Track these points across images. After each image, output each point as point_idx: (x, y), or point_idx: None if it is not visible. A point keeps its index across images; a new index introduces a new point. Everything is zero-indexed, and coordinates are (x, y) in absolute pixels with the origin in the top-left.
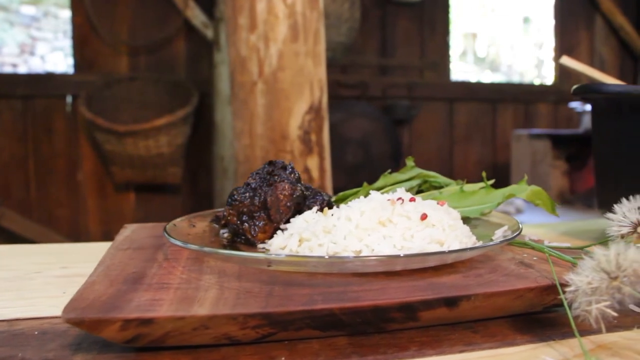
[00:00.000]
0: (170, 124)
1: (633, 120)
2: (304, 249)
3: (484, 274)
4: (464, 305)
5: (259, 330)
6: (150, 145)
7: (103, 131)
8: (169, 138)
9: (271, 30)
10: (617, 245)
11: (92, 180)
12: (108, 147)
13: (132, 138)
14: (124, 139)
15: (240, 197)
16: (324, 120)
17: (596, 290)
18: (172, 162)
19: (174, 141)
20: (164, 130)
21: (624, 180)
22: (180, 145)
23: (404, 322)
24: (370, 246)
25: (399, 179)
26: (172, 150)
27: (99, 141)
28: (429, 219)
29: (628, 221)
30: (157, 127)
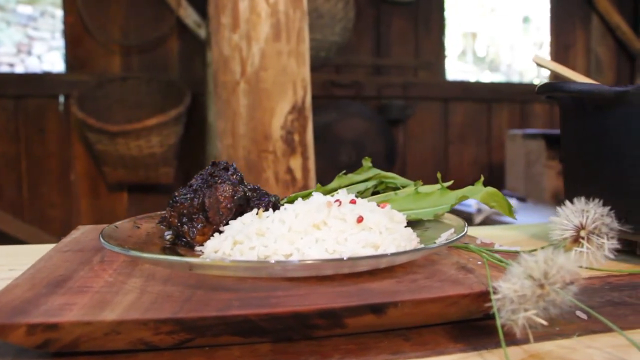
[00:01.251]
0: (161, 124)
1: (597, 119)
2: (236, 252)
3: (419, 280)
4: (392, 312)
5: (174, 336)
6: (142, 145)
7: (94, 131)
8: (160, 138)
9: (253, 30)
10: (546, 251)
11: (84, 181)
12: (100, 147)
13: (123, 138)
14: (115, 139)
15: (180, 198)
16: (307, 120)
17: (523, 298)
18: (164, 162)
19: (166, 141)
20: (156, 130)
21: (590, 180)
22: (172, 145)
23: (330, 328)
24: (301, 250)
25: (354, 180)
26: (164, 150)
27: (91, 141)
28: (365, 222)
29: (571, 225)
30: (148, 127)
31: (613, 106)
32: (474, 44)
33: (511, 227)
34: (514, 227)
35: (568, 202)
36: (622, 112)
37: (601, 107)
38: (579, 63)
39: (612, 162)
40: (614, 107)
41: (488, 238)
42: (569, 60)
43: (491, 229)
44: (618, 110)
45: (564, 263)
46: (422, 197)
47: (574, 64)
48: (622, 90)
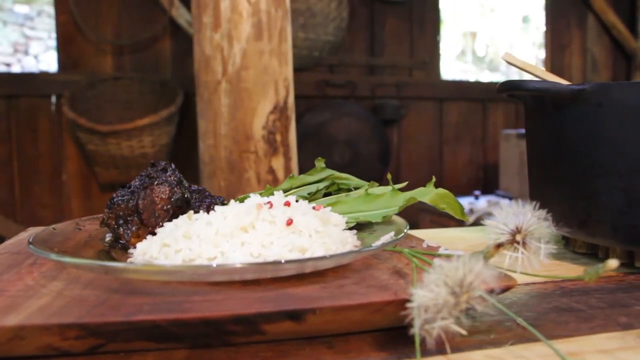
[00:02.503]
0: (153, 124)
1: (556, 119)
2: (162, 255)
3: (346, 285)
4: (311, 319)
5: (83, 341)
6: (134, 145)
7: (85, 131)
8: (152, 138)
9: (235, 29)
10: (464, 257)
11: (77, 181)
12: (91, 147)
13: (114, 138)
14: (106, 139)
15: (118, 199)
16: (290, 120)
17: (438, 307)
18: None
19: (158, 141)
20: (147, 130)
21: (552, 182)
22: (164, 145)
23: (249, 335)
24: (225, 253)
25: (306, 180)
26: (156, 150)
27: (82, 141)
28: (294, 225)
29: (507, 229)
30: (140, 127)
31: (571, 105)
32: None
33: (480, 229)
34: (482, 229)
35: (504, 205)
36: (579, 111)
37: (560, 106)
38: (575, 63)
39: (571, 163)
40: (571, 105)
41: (457, 239)
42: (565, 60)
43: (468, 230)
44: (576, 109)
45: (482, 270)
46: (372, 198)
47: (570, 63)
48: (579, 89)
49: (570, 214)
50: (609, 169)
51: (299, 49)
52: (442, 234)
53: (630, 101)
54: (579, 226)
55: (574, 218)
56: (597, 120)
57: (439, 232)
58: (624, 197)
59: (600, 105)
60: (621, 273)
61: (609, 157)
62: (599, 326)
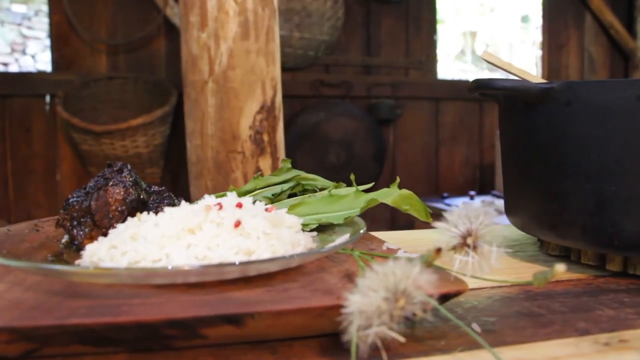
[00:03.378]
0: (147, 124)
1: (526, 118)
2: (108, 257)
3: (292, 289)
4: (251, 323)
5: (17, 345)
6: (128, 145)
7: (79, 131)
8: (146, 138)
9: (221, 28)
10: (401, 261)
11: (71, 181)
12: (85, 147)
13: (108, 138)
14: (100, 139)
15: (73, 201)
16: (277, 120)
17: (373, 312)
18: (150, 163)
19: (152, 141)
20: (141, 130)
21: (523, 182)
22: (158, 145)
23: (190, 339)
24: (170, 255)
25: (271, 181)
26: (150, 150)
27: (76, 141)
28: (242, 227)
29: (458, 231)
30: (133, 127)
31: (540, 104)
32: (473, 43)
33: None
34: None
35: (455, 207)
36: (548, 110)
37: (530, 105)
38: (572, 62)
39: (542, 163)
40: (541, 105)
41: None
42: (562, 60)
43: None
44: (545, 108)
45: (419, 274)
46: (335, 200)
47: (567, 63)
48: (547, 87)
49: (541, 216)
50: (577, 170)
51: (294, 48)
52: (415, 235)
53: (597, 100)
54: (549, 228)
55: (545, 220)
56: (565, 119)
57: (416, 233)
58: (592, 199)
59: (568, 104)
60: (591, 276)
61: (577, 158)
62: (555, 332)
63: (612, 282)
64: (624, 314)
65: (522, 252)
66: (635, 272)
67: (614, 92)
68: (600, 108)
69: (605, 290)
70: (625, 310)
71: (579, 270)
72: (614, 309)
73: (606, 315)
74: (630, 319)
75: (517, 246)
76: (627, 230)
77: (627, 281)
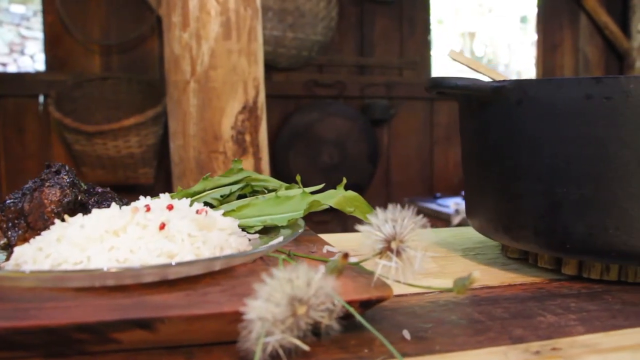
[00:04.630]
0: (139, 124)
1: (481, 117)
2: (31, 260)
3: (212, 293)
4: (164, 328)
5: None
6: (120, 145)
7: (71, 131)
8: (139, 138)
9: (203, 28)
10: (304, 266)
11: None
12: (78, 147)
13: (101, 138)
14: (92, 139)
15: (10, 202)
16: (260, 120)
17: (275, 320)
18: (143, 163)
19: (145, 141)
20: (134, 130)
21: (480, 183)
22: (151, 145)
23: (103, 344)
24: (91, 258)
25: (220, 182)
26: (143, 150)
27: (69, 141)
28: (167, 229)
29: (382, 235)
30: (126, 127)
31: (493, 103)
32: (472, 43)
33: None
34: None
35: (380, 210)
36: (501, 109)
37: (484, 105)
38: (567, 62)
39: (495, 164)
40: (494, 104)
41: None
42: (557, 60)
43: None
44: (497, 107)
45: (323, 281)
46: (281, 201)
47: (562, 63)
48: (499, 86)
49: (496, 218)
50: (529, 171)
51: (287, 48)
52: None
53: (547, 99)
54: (503, 230)
55: (500, 222)
56: (516, 119)
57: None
58: (544, 201)
59: (519, 104)
60: (547, 280)
61: (528, 158)
62: (488, 339)
63: (566, 286)
64: (566, 321)
65: (481, 255)
66: (590, 276)
67: (563, 91)
68: (550, 107)
69: (556, 295)
70: (568, 317)
71: (535, 274)
72: (557, 315)
73: (547, 322)
74: (570, 326)
75: (479, 249)
76: (579, 233)
77: (580, 285)
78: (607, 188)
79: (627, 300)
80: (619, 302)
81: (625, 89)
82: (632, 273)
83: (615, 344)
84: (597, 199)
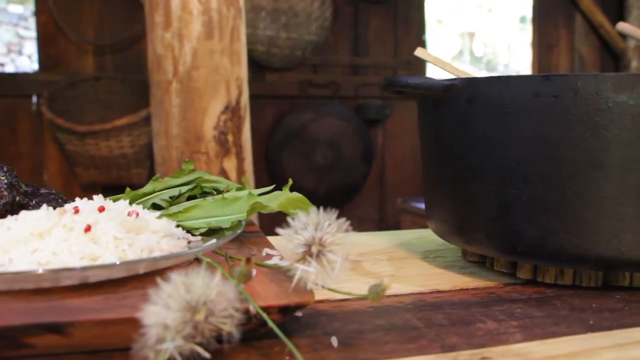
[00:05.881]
0: (132, 124)
1: (435, 117)
2: None
3: (131, 297)
4: (77, 333)
5: None
6: (112, 145)
7: (64, 132)
8: (131, 138)
9: (185, 28)
10: (201, 271)
11: (58, 181)
12: (70, 147)
13: (93, 139)
14: (85, 139)
15: None
16: (243, 121)
17: (171, 324)
18: (136, 163)
19: (137, 141)
20: (126, 130)
21: (436, 183)
22: (144, 145)
23: (17, 349)
24: (13, 260)
25: (170, 183)
26: (136, 150)
27: (62, 141)
28: (93, 232)
29: (302, 239)
30: (118, 127)
31: (445, 102)
32: (471, 43)
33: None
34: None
35: (301, 213)
36: (452, 108)
37: (437, 104)
38: (562, 62)
39: (449, 165)
40: (446, 103)
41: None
42: (552, 60)
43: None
44: (449, 106)
45: (221, 286)
46: (227, 203)
47: (558, 63)
48: (449, 84)
49: (450, 220)
50: (480, 172)
51: (281, 48)
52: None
53: (496, 97)
54: (457, 233)
55: (454, 224)
56: (468, 118)
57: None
58: (495, 203)
59: (470, 102)
60: (501, 284)
61: (480, 159)
62: (418, 347)
63: (519, 290)
64: (505, 328)
65: (441, 258)
66: (544, 280)
67: (512, 89)
68: (499, 106)
69: (505, 300)
70: (510, 324)
71: (491, 278)
72: (498, 322)
73: (485, 329)
74: (509, 333)
75: (440, 252)
76: (530, 236)
77: (533, 290)
78: (556, 190)
79: (577, 305)
80: (568, 307)
81: (573, 87)
82: (587, 277)
83: (548, 352)
84: (547, 201)
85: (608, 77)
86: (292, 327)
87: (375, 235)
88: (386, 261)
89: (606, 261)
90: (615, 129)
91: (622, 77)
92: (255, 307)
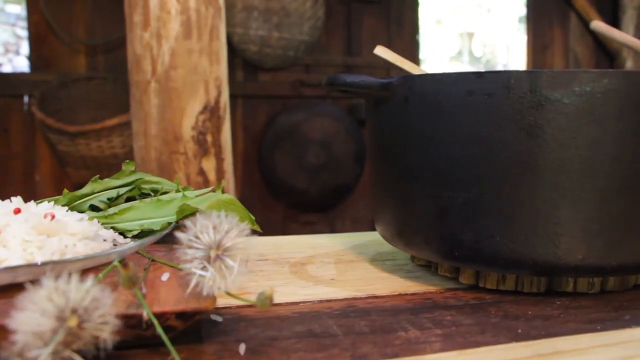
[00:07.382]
0: (122, 124)
1: (376, 117)
2: None
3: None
4: None
5: None
6: (103, 145)
7: (55, 132)
8: (122, 138)
9: (163, 27)
10: (75, 276)
11: (50, 182)
12: (61, 147)
13: (84, 139)
14: (76, 139)
15: None
16: (222, 120)
17: (40, 331)
18: None
19: (128, 142)
20: (117, 130)
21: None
22: None
23: None
24: None
25: (109, 185)
26: (127, 151)
27: (53, 142)
28: (2, 234)
29: (201, 243)
30: (108, 127)
31: (384, 101)
32: (470, 44)
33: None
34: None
35: (201, 216)
36: (390, 107)
37: (377, 103)
38: (557, 62)
39: (388, 165)
40: (385, 102)
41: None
42: (547, 60)
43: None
44: (387, 105)
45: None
46: (161, 205)
47: (552, 63)
48: (386, 82)
49: (391, 223)
50: (417, 173)
51: (273, 48)
52: (292, 240)
53: (431, 95)
54: (398, 236)
55: (394, 227)
56: (404, 117)
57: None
58: (432, 205)
59: (406, 101)
60: (443, 289)
61: (417, 160)
62: (327, 357)
63: (459, 296)
64: (427, 337)
65: (390, 262)
66: (485, 286)
67: (446, 87)
68: (434, 105)
69: (439, 306)
70: (434, 332)
71: (435, 283)
72: (422, 330)
73: (404, 338)
74: (427, 343)
75: (391, 255)
76: (466, 240)
77: (473, 295)
78: (491, 192)
79: (511, 313)
80: (501, 315)
81: (506, 84)
82: (528, 283)
83: None
84: (482, 204)
85: (541, 73)
86: (210, 332)
87: (330, 237)
88: (332, 264)
89: (543, 266)
90: (549, 129)
91: (555, 73)
92: (148, 313)
